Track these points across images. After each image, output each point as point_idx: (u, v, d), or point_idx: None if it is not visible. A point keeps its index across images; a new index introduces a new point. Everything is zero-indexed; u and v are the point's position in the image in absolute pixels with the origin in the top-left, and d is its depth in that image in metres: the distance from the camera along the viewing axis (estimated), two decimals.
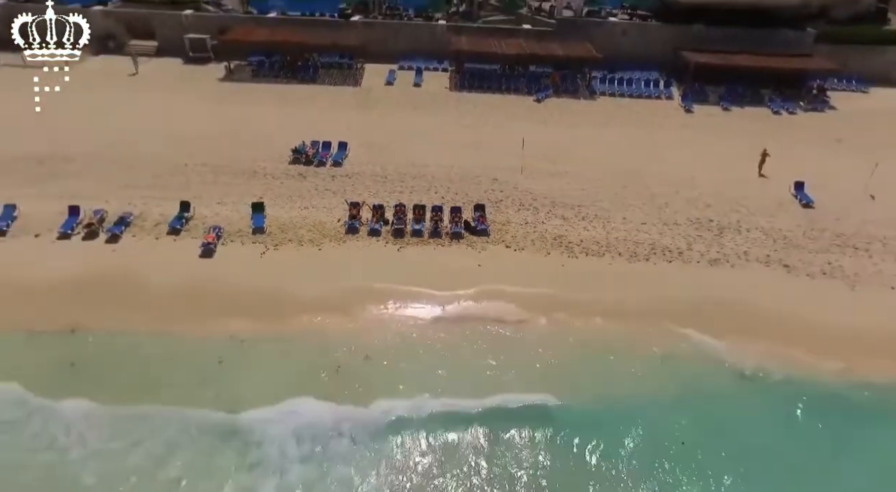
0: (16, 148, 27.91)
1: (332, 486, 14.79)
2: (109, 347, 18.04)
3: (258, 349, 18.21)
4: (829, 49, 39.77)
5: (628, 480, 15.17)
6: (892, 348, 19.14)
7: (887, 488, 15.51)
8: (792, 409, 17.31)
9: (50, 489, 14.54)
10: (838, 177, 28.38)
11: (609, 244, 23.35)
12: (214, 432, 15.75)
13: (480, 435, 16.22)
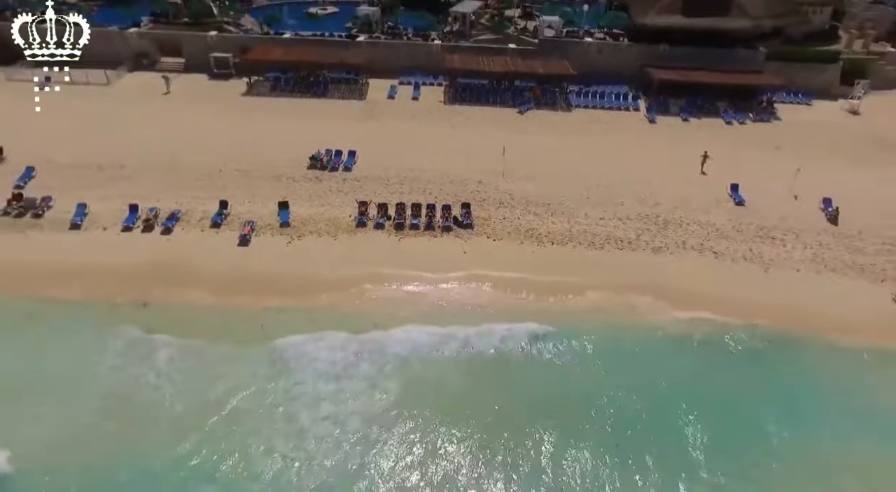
0: (78, 157, 33.06)
1: (352, 383, 20.35)
2: (173, 315, 23.21)
3: (289, 317, 23.38)
4: (778, 66, 44.97)
5: (575, 380, 20.62)
6: (786, 313, 24.36)
7: (773, 405, 20.68)
8: (708, 354, 22.61)
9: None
10: (770, 179, 33.54)
11: (572, 235, 28.58)
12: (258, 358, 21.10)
13: (474, 347, 21.73)
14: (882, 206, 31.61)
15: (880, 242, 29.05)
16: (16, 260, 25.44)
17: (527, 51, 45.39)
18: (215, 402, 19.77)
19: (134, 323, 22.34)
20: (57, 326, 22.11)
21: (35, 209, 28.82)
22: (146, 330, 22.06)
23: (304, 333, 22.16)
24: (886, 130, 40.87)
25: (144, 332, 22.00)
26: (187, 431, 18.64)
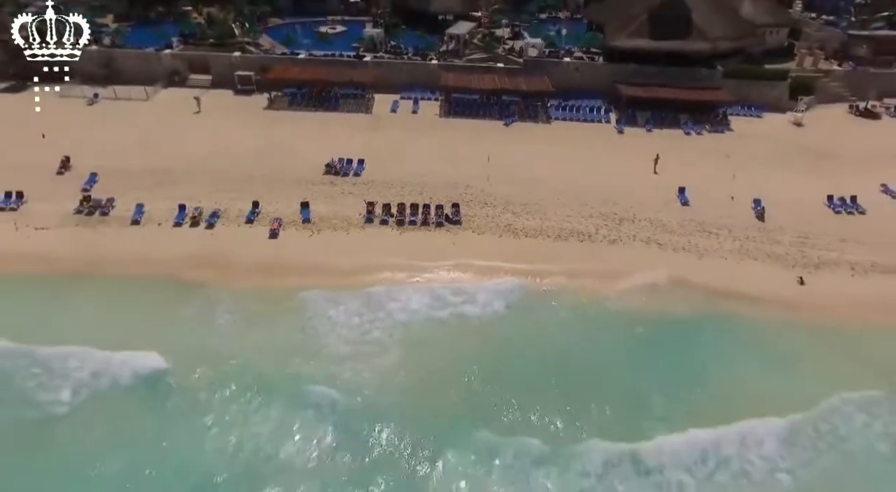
0: (131, 164, 39.28)
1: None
2: (225, 289, 29.45)
3: (314, 292, 29.53)
4: (734, 83, 51.16)
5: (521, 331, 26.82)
6: (712, 291, 30.46)
7: (696, 354, 26.82)
8: (645, 320, 28.66)
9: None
10: (715, 183, 39.74)
11: (542, 230, 34.79)
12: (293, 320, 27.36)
13: (459, 314, 28.30)
14: (803, 205, 37.87)
15: (796, 235, 35.25)
16: (93, 249, 31.72)
17: (513, 69, 51.59)
18: (263, 344, 26.12)
19: (197, 296, 28.61)
20: (137, 297, 28.42)
21: (102, 208, 35.09)
22: (207, 300, 28.33)
23: (327, 302, 28.39)
24: (822, 141, 47.08)
25: (206, 301, 28.27)
26: (258, 355, 25.44)
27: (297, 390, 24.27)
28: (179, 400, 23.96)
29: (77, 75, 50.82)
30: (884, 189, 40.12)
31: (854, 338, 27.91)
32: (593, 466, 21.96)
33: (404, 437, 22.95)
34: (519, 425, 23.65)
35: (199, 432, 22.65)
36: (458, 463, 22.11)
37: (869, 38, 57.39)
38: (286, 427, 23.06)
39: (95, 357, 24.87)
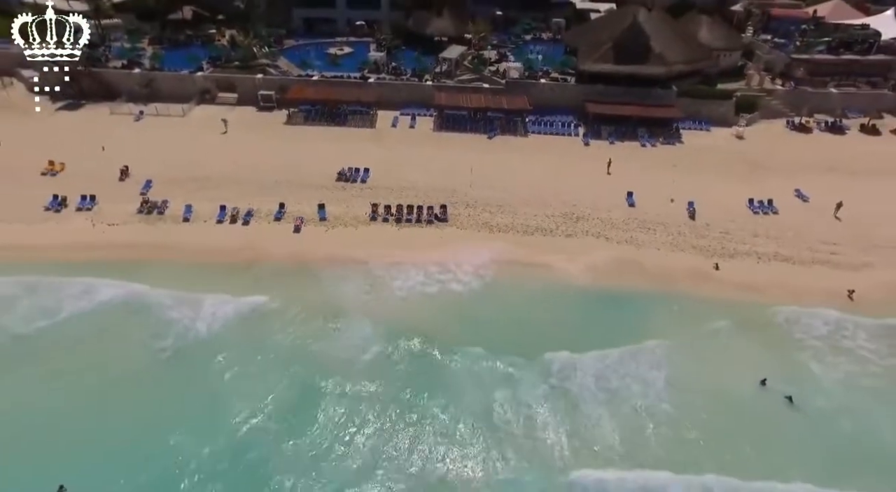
0: (178, 172, 47.59)
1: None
2: (267, 270, 37.91)
3: (332, 272, 37.98)
4: (687, 102, 59.49)
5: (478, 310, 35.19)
6: (642, 274, 38.84)
7: (629, 317, 35.23)
8: (588, 295, 37.05)
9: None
10: (659, 188, 48.04)
11: (513, 226, 43.21)
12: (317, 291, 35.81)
13: (445, 287, 36.50)
14: (729, 207, 46.23)
15: (718, 231, 43.66)
16: (157, 239, 40.23)
17: (496, 89, 59.95)
18: (306, 298, 34.73)
19: (246, 275, 37.18)
20: (203, 272, 37.01)
21: (158, 209, 43.59)
22: (255, 278, 36.93)
23: (343, 279, 36.87)
24: (758, 151, 55.47)
25: (254, 279, 36.85)
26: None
27: (336, 316, 34.44)
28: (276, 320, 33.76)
29: (124, 94, 60.01)
30: (797, 193, 48.43)
31: (741, 306, 36.35)
32: (553, 368, 31.57)
33: (421, 348, 32.94)
34: (496, 348, 32.48)
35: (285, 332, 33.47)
36: (461, 362, 31.72)
37: (807, 61, 65.68)
38: (337, 338, 33.14)
39: (223, 298, 34.88)
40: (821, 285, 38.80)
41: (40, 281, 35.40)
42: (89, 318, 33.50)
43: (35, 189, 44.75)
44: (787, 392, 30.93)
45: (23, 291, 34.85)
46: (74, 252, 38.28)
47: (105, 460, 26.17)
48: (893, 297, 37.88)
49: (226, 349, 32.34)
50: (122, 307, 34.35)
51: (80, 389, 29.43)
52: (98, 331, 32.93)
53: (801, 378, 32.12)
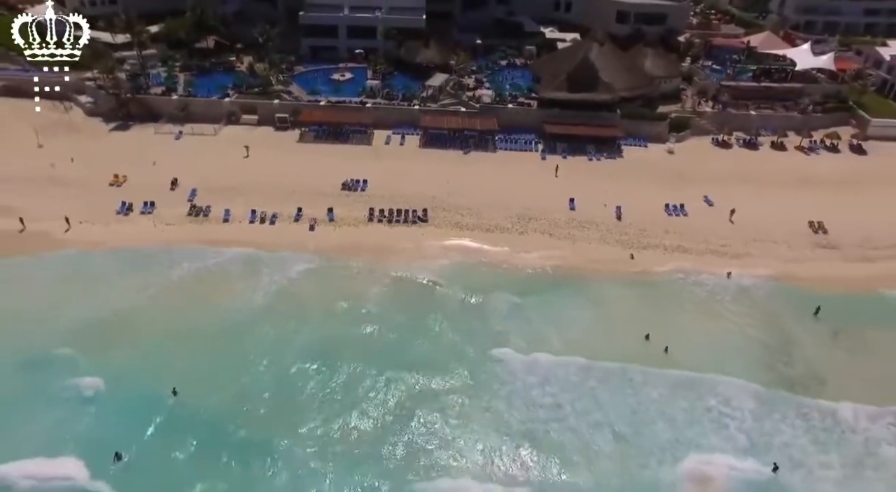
0: (215, 182, 59.96)
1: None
2: (297, 254, 50.63)
3: (339, 262, 50.73)
4: (629, 122, 72.27)
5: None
6: (575, 263, 51.62)
7: (562, 298, 47.99)
8: (530, 279, 49.85)
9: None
10: (597, 194, 60.73)
11: (478, 225, 55.96)
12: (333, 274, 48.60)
13: (426, 271, 49.21)
14: (649, 210, 58.98)
15: (638, 229, 56.46)
16: (206, 235, 52.86)
17: (472, 112, 72.66)
18: (335, 266, 47.43)
19: (281, 256, 49.98)
20: (247, 257, 49.72)
21: (203, 212, 56.21)
22: (287, 257, 49.79)
23: (349, 267, 49.66)
24: (684, 164, 68.23)
25: (287, 257, 49.71)
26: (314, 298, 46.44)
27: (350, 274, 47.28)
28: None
29: (165, 116, 72.56)
30: (705, 199, 61.24)
31: (644, 282, 49.22)
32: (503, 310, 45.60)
33: (400, 308, 45.52)
34: (462, 312, 45.63)
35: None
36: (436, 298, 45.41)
37: (732, 87, 78.61)
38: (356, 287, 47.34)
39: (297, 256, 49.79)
40: (707, 269, 51.74)
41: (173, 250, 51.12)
42: (226, 264, 50.33)
43: (107, 197, 57.44)
44: (659, 342, 43.71)
45: (165, 257, 50.49)
46: (152, 241, 51.54)
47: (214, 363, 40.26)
48: (756, 273, 50.90)
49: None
50: (243, 259, 50.36)
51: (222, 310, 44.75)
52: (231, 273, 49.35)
53: (674, 332, 44.85)
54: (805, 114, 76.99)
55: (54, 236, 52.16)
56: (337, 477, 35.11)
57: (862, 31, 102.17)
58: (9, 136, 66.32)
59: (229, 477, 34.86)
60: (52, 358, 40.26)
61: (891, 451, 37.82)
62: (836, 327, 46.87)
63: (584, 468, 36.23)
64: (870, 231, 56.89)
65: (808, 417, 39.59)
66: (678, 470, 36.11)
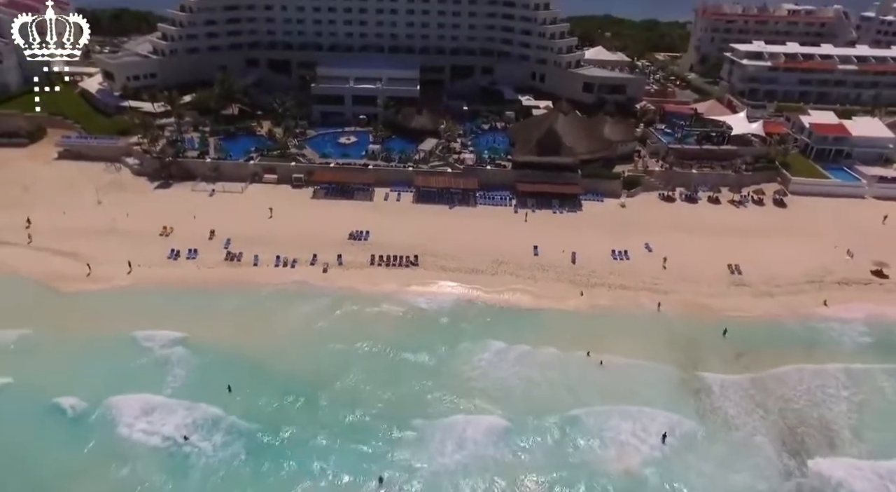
0: (244, 232, 73.33)
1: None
2: (317, 289, 63.85)
3: (355, 297, 63.93)
4: (588, 181, 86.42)
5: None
6: (532, 297, 64.77)
7: (513, 326, 61.02)
8: (496, 313, 63.02)
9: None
10: (557, 242, 74.20)
11: (459, 268, 69.29)
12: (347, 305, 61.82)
13: (416, 305, 62.38)
14: (599, 255, 72.37)
15: (587, 271, 69.81)
16: (241, 277, 66.16)
17: (457, 172, 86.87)
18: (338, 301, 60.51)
19: (303, 293, 63.03)
20: (274, 294, 62.84)
21: (237, 258, 69.60)
22: (308, 295, 62.86)
23: (357, 299, 62.85)
24: (633, 216, 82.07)
25: (308, 295, 62.76)
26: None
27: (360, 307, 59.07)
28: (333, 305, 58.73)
29: (199, 176, 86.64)
30: (646, 246, 74.76)
31: (590, 314, 62.30)
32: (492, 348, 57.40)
33: (397, 326, 57.46)
34: (448, 334, 57.98)
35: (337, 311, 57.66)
36: (426, 327, 56.72)
37: (677, 150, 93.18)
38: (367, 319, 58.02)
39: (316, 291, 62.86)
40: (642, 302, 64.92)
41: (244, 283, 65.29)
42: (263, 300, 63.33)
43: (158, 245, 70.90)
44: (597, 358, 56.55)
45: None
46: (199, 281, 64.71)
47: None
48: (681, 308, 63.98)
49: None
50: (275, 294, 63.66)
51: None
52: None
53: (610, 350, 57.64)
54: (738, 172, 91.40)
55: (119, 277, 65.27)
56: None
57: (797, 98, 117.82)
58: (75, 193, 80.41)
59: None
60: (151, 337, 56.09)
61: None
62: (738, 348, 59.63)
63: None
64: (775, 271, 70.38)
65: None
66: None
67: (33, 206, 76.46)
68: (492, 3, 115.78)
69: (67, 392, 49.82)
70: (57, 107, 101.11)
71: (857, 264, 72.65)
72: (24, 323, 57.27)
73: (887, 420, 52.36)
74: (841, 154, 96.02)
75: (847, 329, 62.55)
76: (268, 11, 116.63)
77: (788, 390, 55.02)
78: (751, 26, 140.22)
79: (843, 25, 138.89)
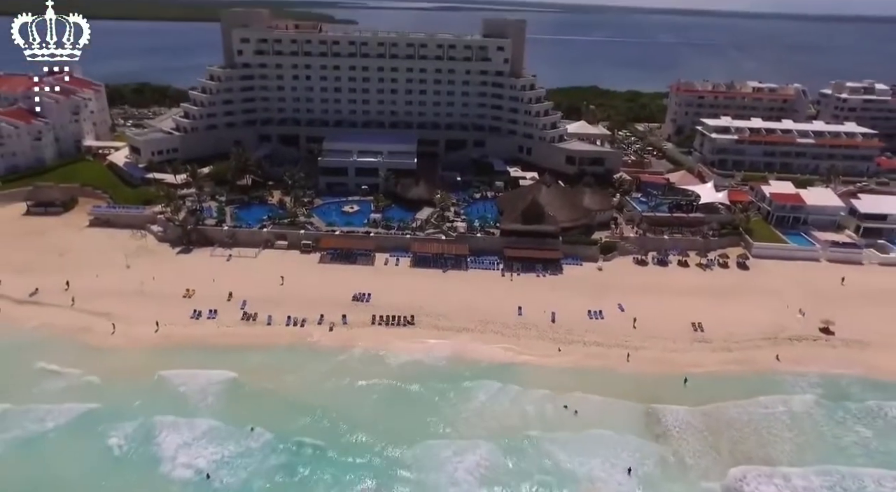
0: (258, 295, 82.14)
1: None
2: (320, 349, 71.95)
3: (357, 353, 72.00)
4: (568, 246, 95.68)
5: None
6: (509, 353, 72.90)
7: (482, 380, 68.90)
8: (492, 366, 71.04)
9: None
10: (538, 303, 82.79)
11: (451, 327, 77.53)
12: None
13: (414, 360, 70.41)
14: (576, 314, 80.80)
15: (565, 329, 78.07)
16: (257, 335, 74.38)
17: (450, 239, 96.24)
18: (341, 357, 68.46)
19: (313, 351, 71.08)
20: (286, 347, 70.92)
21: (252, 318, 77.93)
22: (316, 350, 70.89)
23: (359, 354, 70.97)
24: (608, 279, 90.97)
25: (316, 350, 70.80)
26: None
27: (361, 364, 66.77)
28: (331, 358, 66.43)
29: (217, 242, 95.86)
30: (619, 307, 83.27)
31: (566, 370, 70.21)
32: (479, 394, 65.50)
33: (395, 377, 65.09)
34: (438, 377, 65.64)
35: (338, 364, 65.08)
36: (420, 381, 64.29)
37: (650, 217, 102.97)
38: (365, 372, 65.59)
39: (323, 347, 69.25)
40: (612, 356, 72.96)
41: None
42: (280, 353, 71.37)
43: (182, 306, 79.35)
44: (572, 408, 64.20)
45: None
46: (219, 339, 72.74)
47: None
48: (648, 363, 71.95)
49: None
50: (290, 349, 72.03)
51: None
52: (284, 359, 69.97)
53: (582, 404, 65.28)
54: (706, 238, 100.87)
55: (148, 335, 73.43)
56: None
57: (762, 168, 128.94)
58: (106, 258, 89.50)
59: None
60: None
61: None
62: (695, 394, 67.29)
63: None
64: (734, 329, 78.75)
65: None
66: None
67: (70, 270, 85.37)
68: (482, 84, 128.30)
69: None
70: (87, 178, 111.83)
71: (807, 322, 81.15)
72: (83, 369, 66.89)
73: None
74: (798, 221, 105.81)
75: (796, 379, 70.53)
76: (279, 92, 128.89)
77: (734, 421, 64.12)
78: (720, 101, 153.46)
79: (803, 102, 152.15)
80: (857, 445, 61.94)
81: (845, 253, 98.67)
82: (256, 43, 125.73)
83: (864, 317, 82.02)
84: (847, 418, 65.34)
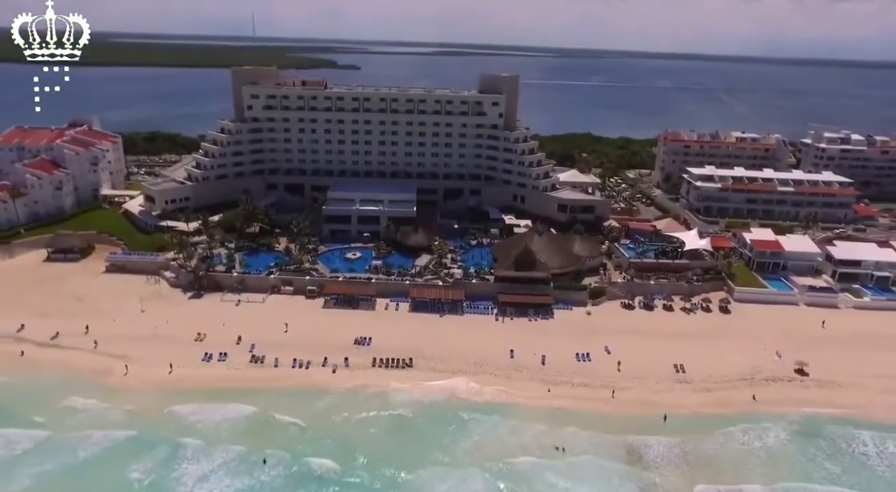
0: (266, 339, 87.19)
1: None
2: (330, 390, 76.74)
3: (360, 394, 76.76)
4: (559, 292, 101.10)
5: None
6: (503, 393, 77.64)
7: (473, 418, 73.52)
8: (485, 403, 75.75)
9: None
10: (529, 346, 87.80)
11: (447, 369, 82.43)
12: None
13: (410, 397, 75.07)
14: (565, 357, 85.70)
15: (555, 371, 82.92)
16: (265, 377, 79.25)
17: (447, 285, 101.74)
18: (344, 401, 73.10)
19: (319, 393, 75.94)
20: (296, 393, 75.68)
21: (260, 360, 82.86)
22: (323, 394, 75.70)
23: (361, 395, 75.73)
24: (596, 323, 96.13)
25: (322, 394, 75.60)
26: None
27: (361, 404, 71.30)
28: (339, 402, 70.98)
29: (227, 288, 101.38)
30: (605, 349, 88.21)
31: (555, 411, 74.82)
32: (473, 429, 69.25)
33: (394, 415, 69.62)
34: (433, 416, 70.17)
35: (342, 407, 69.65)
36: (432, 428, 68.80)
37: (637, 263, 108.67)
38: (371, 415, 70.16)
39: (328, 389, 72.64)
40: (598, 397, 77.61)
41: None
42: (290, 393, 75.45)
43: (193, 349, 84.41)
44: (559, 445, 68.68)
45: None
46: (230, 381, 77.55)
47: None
48: (631, 402, 76.57)
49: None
50: (296, 392, 76.00)
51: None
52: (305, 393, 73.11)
53: (568, 440, 69.79)
54: (690, 283, 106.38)
55: (162, 377, 78.29)
56: None
57: (745, 214, 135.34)
58: (121, 303, 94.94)
59: None
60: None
61: None
62: (675, 431, 71.79)
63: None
64: (714, 370, 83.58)
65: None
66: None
67: (88, 314, 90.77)
68: (478, 136, 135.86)
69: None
70: (104, 225, 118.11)
71: (783, 364, 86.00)
72: (108, 404, 71.83)
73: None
74: (778, 266, 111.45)
75: (771, 417, 75.05)
76: (286, 143, 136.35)
77: (709, 454, 69.46)
78: (706, 150, 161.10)
79: (783, 151, 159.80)
80: (825, 479, 66.30)
81: (822, 297, 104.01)
82: (266, 99, 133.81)
83: (837, 358, 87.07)
84: (818, 454, 69.82)
